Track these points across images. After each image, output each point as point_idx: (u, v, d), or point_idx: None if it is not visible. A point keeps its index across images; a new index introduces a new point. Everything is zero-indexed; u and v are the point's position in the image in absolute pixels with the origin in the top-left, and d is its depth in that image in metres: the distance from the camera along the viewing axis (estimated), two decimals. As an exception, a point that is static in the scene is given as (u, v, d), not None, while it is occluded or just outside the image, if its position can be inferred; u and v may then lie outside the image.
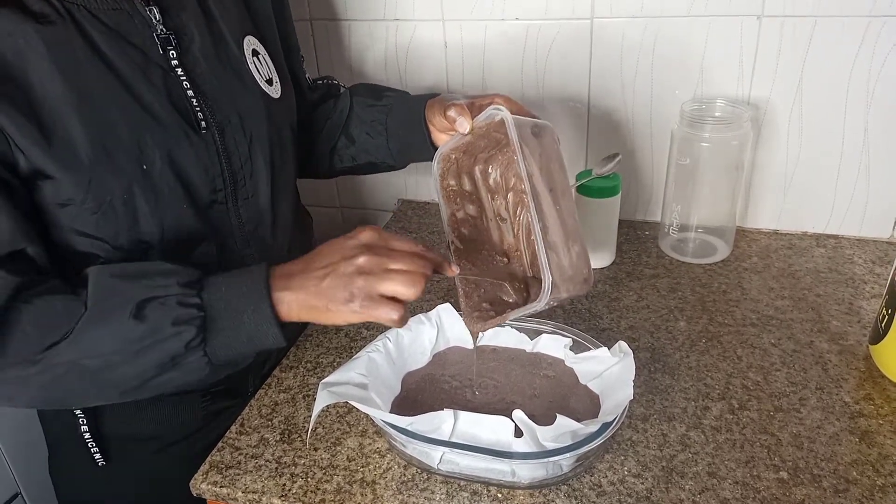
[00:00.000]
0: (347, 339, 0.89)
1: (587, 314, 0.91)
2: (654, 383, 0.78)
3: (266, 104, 0.77)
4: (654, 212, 1.12)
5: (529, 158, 0.64)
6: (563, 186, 0.68)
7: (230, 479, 0.69)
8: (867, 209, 1.02)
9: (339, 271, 0.60)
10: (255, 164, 0.75)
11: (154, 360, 0.59)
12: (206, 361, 0.61)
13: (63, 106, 0.62)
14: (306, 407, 0.78)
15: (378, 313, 0.59)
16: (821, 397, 0.75)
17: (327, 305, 0.59)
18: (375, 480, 0.68)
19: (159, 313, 0.58)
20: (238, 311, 0.60)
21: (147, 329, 0.58)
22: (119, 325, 0.58)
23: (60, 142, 0.62)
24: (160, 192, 0.68)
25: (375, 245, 0.61)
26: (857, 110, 0.96)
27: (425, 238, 1.13)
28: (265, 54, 0.80)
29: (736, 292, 0.94)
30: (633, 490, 0.65)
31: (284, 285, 0.61)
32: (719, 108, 0.98)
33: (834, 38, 0.93)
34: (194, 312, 0.59)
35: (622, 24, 1.00)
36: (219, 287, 0.61)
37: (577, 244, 0.67)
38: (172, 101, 0.68)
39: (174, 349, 0.59)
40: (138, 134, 0.66)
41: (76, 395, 0.63)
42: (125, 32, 0.66)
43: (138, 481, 0.83)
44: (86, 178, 0.63)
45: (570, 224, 0.67)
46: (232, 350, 0.61)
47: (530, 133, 0.67)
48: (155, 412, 0.80)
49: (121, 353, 0.59)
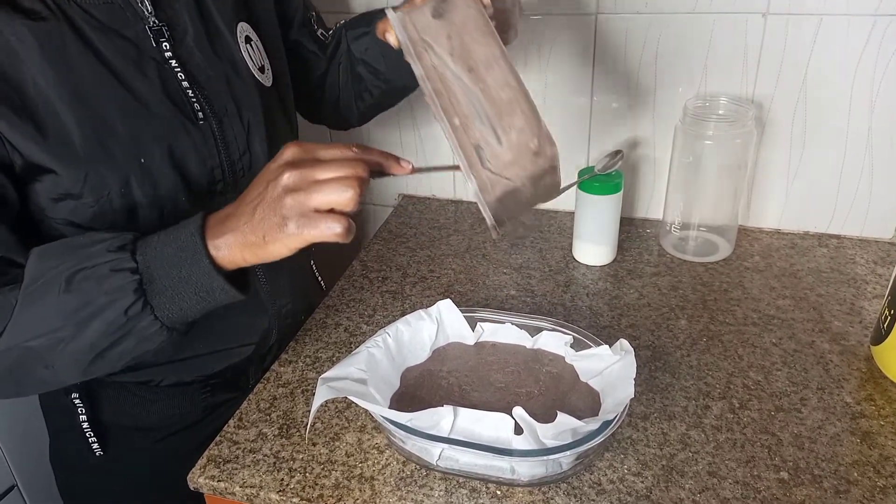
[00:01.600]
0: (347, 334, 0.89)
1: (588, 311, 0.90)
2: (654, 382, 0.78)
3: (260, 92, 0.76)
4: (655, 210, 1.12)
5: (432, 49, 0.59)
6: (487, 57, 0.61)
7: (228, 474, 0.69)
8: (870, 209, 1.02)
9: (267, 197, 0.55)
10: (254, 154, 0.75)
11: (99, 331, 0.57)
12: (158, 325, 0.58)
13: (57, 102, 0.61)
14: (305, 401, 0.78)
15: (317, 231, 0.54)
16: (822, 397, 0.74)
17: (263, 237, 0.55)
18: (374, 476, 0.68)
19: (90, 283, 0.56)
20: (176, 267, 0.56)
21: (81, 301, 0.56)
22: (51, 300, 0.56)
23: (55, 138, 0.61)
24: (158, 185, 0.67)
25: (299, 159, 0.56)
26: (861, 110, 0.96)
27: (427, 234, 1.13)
28: (258, 41, 0.79)
29: (737, 291, 0.93)
30: (633, 489, 0.65)
31: (219, 231, 0.57)
32: (723, 106, 0.97)
33: (839, 37, 0.92)
34: (128, 276, 0.56)
35: (626, 20, 0.99)
36: (153, 246, 0.57)
37: (515, 116, 0.60)
38: (168, 93, 0.67)
39: (114, 317, 0.56)
40: (135, 128, 0.65)
41: (38, 377, 0.61)
42: (117, 26, 0.65)
43: (138, 472, 0.83)
44: (82, 172, 0.63)
45: (503, 97, 0.60)
46: (183, 309, 0.58)
47: (431, 17, 0.60)
48: (155, 403, 0.79)
49: (62, 329, 0.56)
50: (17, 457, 1.11)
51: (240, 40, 0.75)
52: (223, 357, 0.80)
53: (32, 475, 1.13)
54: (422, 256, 1.06)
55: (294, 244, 0.55)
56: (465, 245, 1.08)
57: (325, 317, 0.92)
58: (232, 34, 0.75)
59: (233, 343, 0.80)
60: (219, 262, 0.57)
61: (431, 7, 0.61)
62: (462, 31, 0.61)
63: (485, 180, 0.58)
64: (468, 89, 0.59)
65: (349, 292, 0.98)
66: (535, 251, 1.05)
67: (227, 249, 0.57)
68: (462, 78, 0.59)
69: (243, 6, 0.78)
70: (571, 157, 1.12)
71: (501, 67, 0.61)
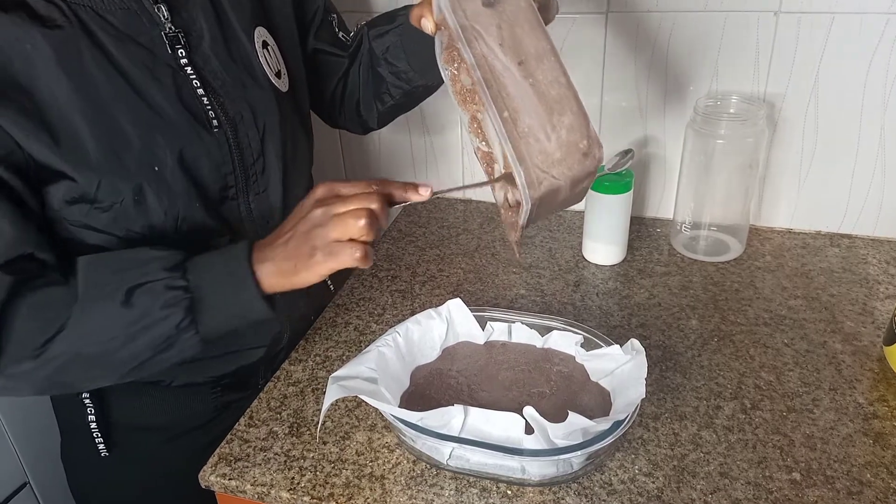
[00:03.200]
0: (357, 333, 0.89)
1: (598, 311, 0.90)
2: (665, 382, 0.77)
3: (276, 97, 0.76)
4: (666, 209, 1.12)
5: (482, 37, 0.57)
6: (538, 51, 0.59)
7: (239, 472, 0.69)
8: (882, 209, 1.01)
9: (298, 230, 0.61)
10: (268, 159, 0.75)
11: (148, 343, 0.62)
12: (198, 339, 0.63)
13: (71, 110, 0.62)
14: (315, 400, 0.78)
15: (339, 259, 0.60)
16: (834, 398, 0.74)
17: (295, 265, 0.61)
18: (384, 475, 0.68)
19: (148, 298, 0.60)
20: (223, 290, 0.62)
21: (138, 314, 0.60)
22: (111, 312, 0.60)
23: (69, 145, 0.62)
24: (172, 192, 0.68)
25: (325, 196, 0.62)
26: (873, 109, 0.95)
27: (437, 233, 1.13)
28: (275, 46, 0.79)
29: (748, 291, 0.93)
30: (644, 489, 0.65)
31: (262, 257, 0.62)
32: (734, 105, 0.97)
33: (851, 35, 0.92)
34: (181, 295, 0.61)
35: (637, 19, 0.99)
36: (203, 268, 0.62)
37: (565, 115, 0.58)
38: (183, 100, 0.68)
39: (166, 331, 0.61)
40: (148, 135, 0.65)
41: (79, 380, 0.66)
42: (132, 32, 0.65)
43: (147, 471, 0.83)
44: (95, 179, 0.64)
45: (553, 94, 0.58)
46: (223, 326, 0.63)
47: (481, 4, 0.59)
48: (165, 402, 0.80)
49: (116, 339, 0.61)
50: (29, 454, 1.11)
51: (257, 45, 0.75)
52: (235, 359, 0.81)
53: (44, 473, 1.14)
54: (431, 255, 1.06)
55: (322, 271, 0.61)
56: (474, 244, 1.08)
57: (335, 316, 0.93)
58: (249, 39, 0.74)
59: (245, 345, 0.81)
60: (261, 288, 0.62)
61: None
62: (513, 23, 0.59)
63: (532, 176, 0.56)
64: (518, 82, 0.58)
65: (359, 291, 0.98)
66: (544, 250, 1.05)
67: (267, 276, 0.62)
68: (512, 70, 0.58)
69: (261, 11, 0.78)
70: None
71: (552, 63, 0.59)
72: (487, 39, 0.58)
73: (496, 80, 0.57)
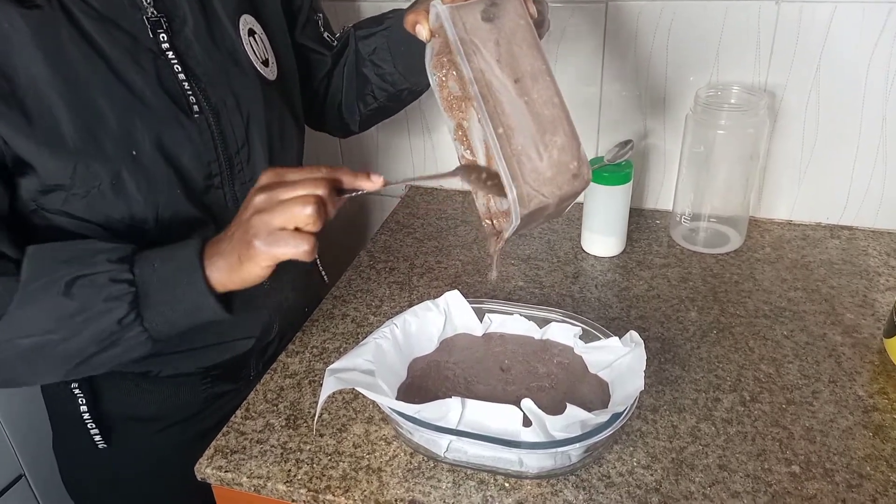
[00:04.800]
0: (354, 325, 0.88)
1: (597, 303, 0.90)
2: (664, 374, 0.77)
3: (262, 86, 0.75)
4: (665, 200, 1.11)
5: (480, 52, 0.57)
6: (534, 70, 0.60)
7: (235, 464, 0.69)
8: (883, 200, 1.00)
9: (241, 220, 0.58)
10: (253, 148, 0.74)
11: (90, 338, 0.59)
12: (146, 336, 0.60)
13: (49, 91, 0.61)
14: (312, 392, 0.78)
15: (283, 249, 0.56)
16: (834, 390, 0.74)
17: (239, 258, 0.58)
18: (381, 468, 0.67)
19: (89, 291, 0.58)
20: (171, 286, 0.59)
21: (78, 306, 0.58)
22: (50, 303, 0.58)
23: (44, 128, 0.61)
24: (151, 178, 0.67)
25: (270, 182, 0.58)
26: (875, 99, 0.94)
27: (435, 225, 1.12)
28: (262, 34, 0.78)
29: (748, 283, 0.92)
30: (643, 481, 0.64)
31: (211, 252, 0.60)
32: (735, 95, 0.96)
33: (854, 25, 0.91)
34: (125, 288, 0.58)
35: (637, 8, 0.98)
36: (151, 262, 0.60)
37: (558, 135, 0.59)
38: (163, 85, 0.66)
39: (108, 325, 0.58)
40: (127, 119, 0.64)
41: (23, 374, 0.63)
42: (114, 16, 0.64)
43: (139, 462, 0.83)
44: (71, 164, 0.62)
45: (547, 114, 0.59)
46: (171, 324, 0.60)
47: (480, 19, 0.59)
48: (155, 393, 0.79)
49: (55, 332, 0.58)
50: (24, 446, 1.11)
51: (242, 33, 0.74)
52: (223, 349, 0.80)
53: (40, 465, 1.13)
54: (429, 247, 1.05)
55: (264, 262, 0.57)
56: (472, 236, 1.08)
57: (333, 307, 0.92)
58: (234, 26, 0.73)
59: (232, 336, 0.80)
60: (211, 284, 0.59)
61: (482, 9, 0.59)
62: (511, 40, 0.60)
63: (524, 194, 0.57)
64: (513, 100, 0.58)
65: (356, 283, 0.97)
66: (543, 242, 1.04)
67: (216, 272, 0.59)
68: (508, 87, 0.58)
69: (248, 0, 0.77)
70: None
71: (546, 83, 0.60)
72: (485, 54, 0.58)
73: (492, 95, 0.57)
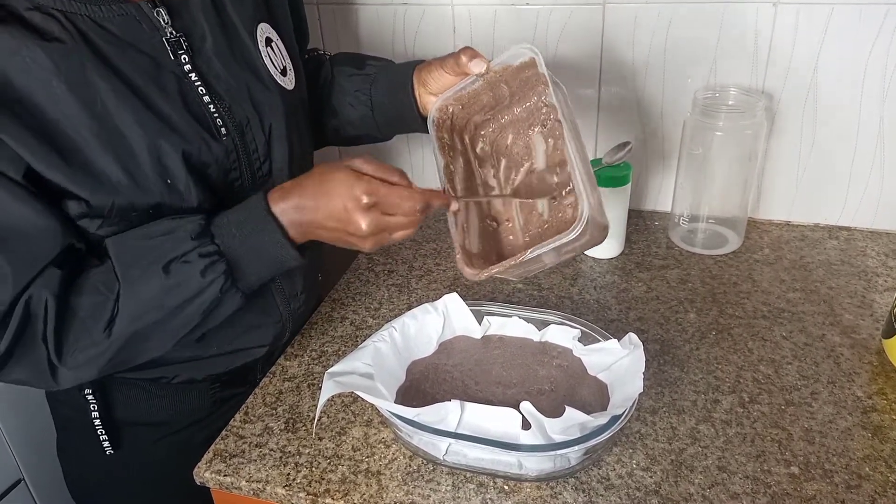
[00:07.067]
0: (353, 328, 0.88)
1: (595, 305, 0.90)
2: (663, 375, 0.77)
3: (282, 98, 0.74)
4: (664, 202, 1.11)
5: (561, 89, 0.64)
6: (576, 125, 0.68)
7: (234, 468, 0.69)
8: (881, 201, 1.01)
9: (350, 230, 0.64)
10: (274, 160, 0.73)
11: (198, 309, 0.64)
12: (240, 296, 0.66)
13: (81, 130, 0.60)
14: (311, 396, 0.77)
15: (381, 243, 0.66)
16: (833, 391, 0.74)
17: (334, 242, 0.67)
18: (381, 471, 0.67)
19: (185, 269, 0.62)
20: (256, 249, 0.64)
21: (181, 287, 0.62)
22: (155, 288, 0.62)
23: (81, 167, 0.60)
24: (184, 200, 0.66)
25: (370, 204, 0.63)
26: (872, 100, 0.94)
27: (433, 227, 1.12)
28: (278, 41, 0.77)
29: (747, 284, 0.92)
30: (642, 483, 0.64)
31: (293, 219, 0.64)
32: (733, 97, 0.96)
33: (851, 26, 0.91)
34: (216, 258, 0.63)
35: (635, 10, 0.98)
36: (228, 228, 0.64)
37: (595, 191, 0.66)
38: (189, 109, 0.66)
39: (212, 296, 0.64)
40: (157, 147, 0.63)
41: (135, 354, 0.66)
42: (133, 40, 0.63)
43: (145, 466, 0.83)
44: (110, 199, 0.63)
45: (592, 174, 0.67)
46: (261, 280, 0.67)
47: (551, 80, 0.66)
48: (165, 399, 0.79)
49: (169, 311, 0.63)
50: (24, 451, 1.11)
51: (260, 43, 0.73)
52: (236, 357, 0.80)
53: (39, 469, 1.13)
54: (428, 250, 1.05)
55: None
56: (471, 238, 1.08)
57: (331, 310, 0.92)
58: (252, 38, 0.72)
59: (248, 344, 0.80)
60: (291, 237, 0.65)
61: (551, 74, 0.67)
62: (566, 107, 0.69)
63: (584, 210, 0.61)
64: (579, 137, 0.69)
65: (355, 286, 0.97)
66: (541, 244, 1.04)
67: (294, 230, 0.65)
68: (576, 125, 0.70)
69: (263, 6, 0.76)
70: (578, 148, 1.11)
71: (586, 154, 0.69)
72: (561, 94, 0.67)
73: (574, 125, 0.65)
